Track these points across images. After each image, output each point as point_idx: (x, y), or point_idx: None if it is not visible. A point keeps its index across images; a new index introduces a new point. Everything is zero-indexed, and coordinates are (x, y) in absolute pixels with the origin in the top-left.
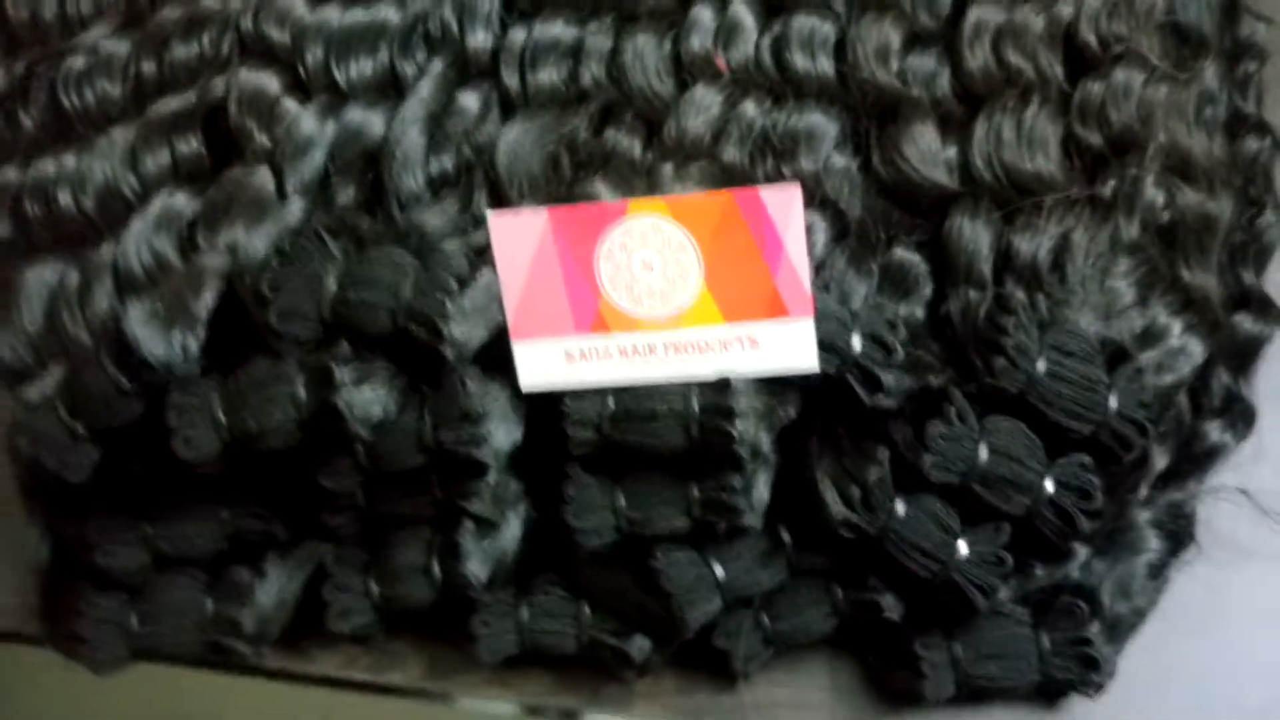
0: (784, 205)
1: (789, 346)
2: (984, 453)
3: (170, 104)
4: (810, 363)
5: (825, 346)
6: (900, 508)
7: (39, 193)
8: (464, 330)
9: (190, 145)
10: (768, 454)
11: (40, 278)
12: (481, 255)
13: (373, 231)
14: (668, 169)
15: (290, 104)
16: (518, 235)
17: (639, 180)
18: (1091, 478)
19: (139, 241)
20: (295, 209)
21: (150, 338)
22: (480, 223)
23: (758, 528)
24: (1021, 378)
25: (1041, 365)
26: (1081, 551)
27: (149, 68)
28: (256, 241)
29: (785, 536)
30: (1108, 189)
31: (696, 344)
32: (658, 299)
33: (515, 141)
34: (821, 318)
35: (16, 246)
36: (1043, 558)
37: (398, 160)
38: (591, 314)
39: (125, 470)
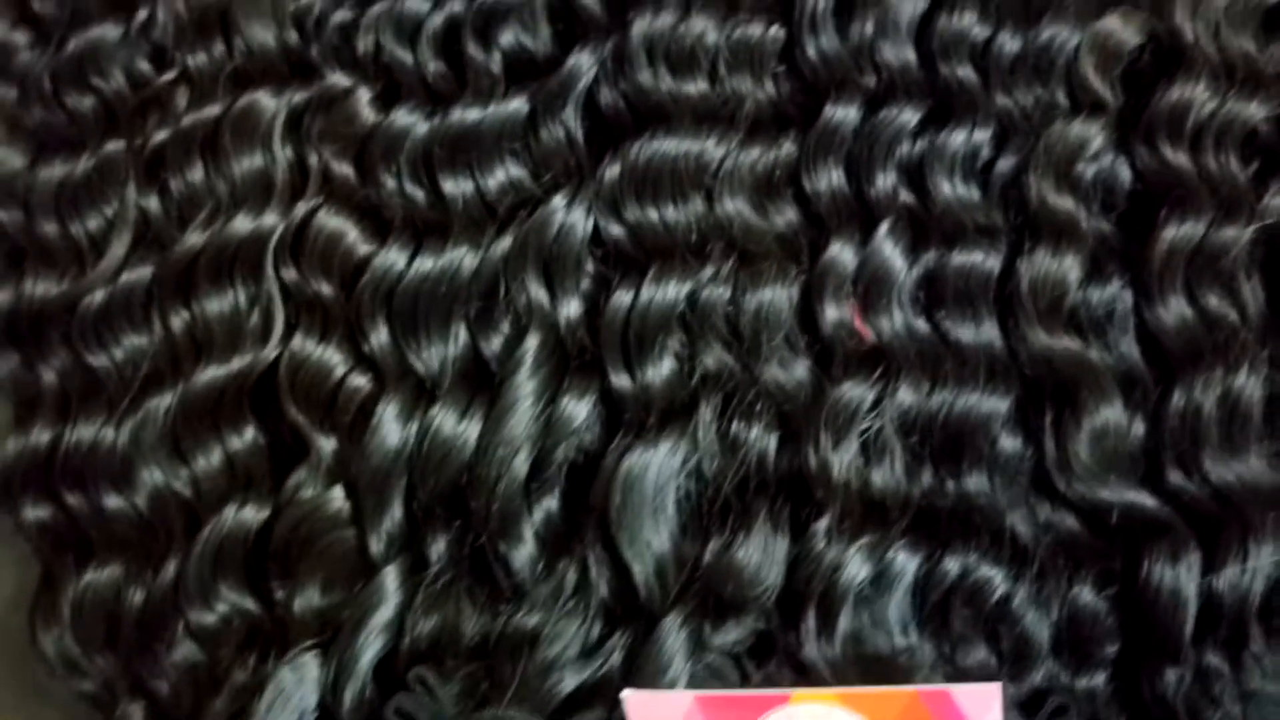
0: (980, 704)
1: None
2: None
3: (211, 374)
4: None
5: None
6: None
7: (77, 480)
8: None
9: (243, 439)
10: None
11: (96, 587)
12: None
13: (482, 634)
14: (822, 531)
15: (358, 385)
16: (657, 714)
17: (781, 540)
18: None
19: (204, 583)
20: (390, 591)
21: None
22: (604, 616)
23: None
24: None
25: None
26: None
27: (179, 321)
28: (357, 660)
29: None
30: None
31: None
32: None
33: (631, 488)
34: None
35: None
36: None
37: (498, 513)
38: None
39: None
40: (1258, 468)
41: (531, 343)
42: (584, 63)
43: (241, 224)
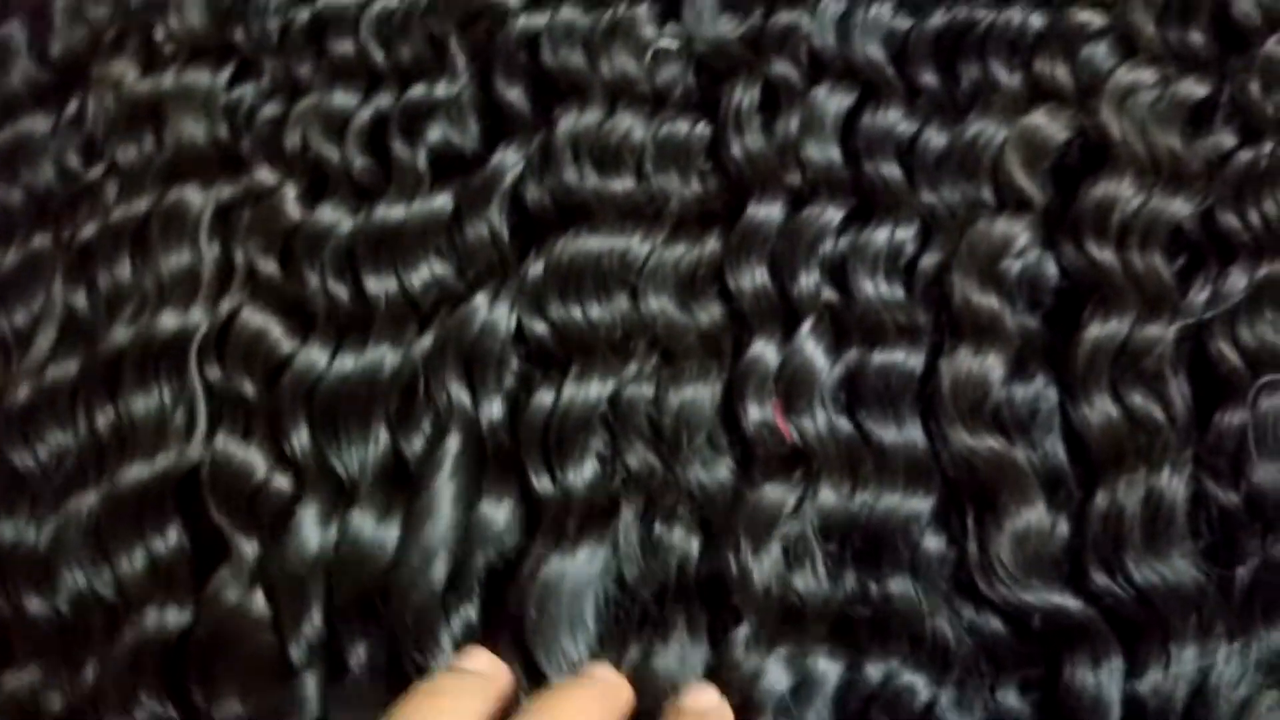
0: None
1: None
2: None
3: (135, 473)
4: None
5: None
6: None
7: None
8: None
9: (167, 540)
10: None
11: (15, 692)
12: None
13: None
14: (741, 639)
15: (280, 486)
16: None
17: (699, 648)
18: None
19: (122, 687)
20: (308, 699)
21: None
22: None
23: None
24: None
25: None
26: None
27: (104, 418)
28: None
29: None
30: (1247, 571)
31: None
32: None
33: (547, 597)
34: None
35: None
36: None
37: (415, 621)
38: None
39: None
40: (1180, 569)
41: (452, 444)
42: (509, 160)
43: (167, 320)
